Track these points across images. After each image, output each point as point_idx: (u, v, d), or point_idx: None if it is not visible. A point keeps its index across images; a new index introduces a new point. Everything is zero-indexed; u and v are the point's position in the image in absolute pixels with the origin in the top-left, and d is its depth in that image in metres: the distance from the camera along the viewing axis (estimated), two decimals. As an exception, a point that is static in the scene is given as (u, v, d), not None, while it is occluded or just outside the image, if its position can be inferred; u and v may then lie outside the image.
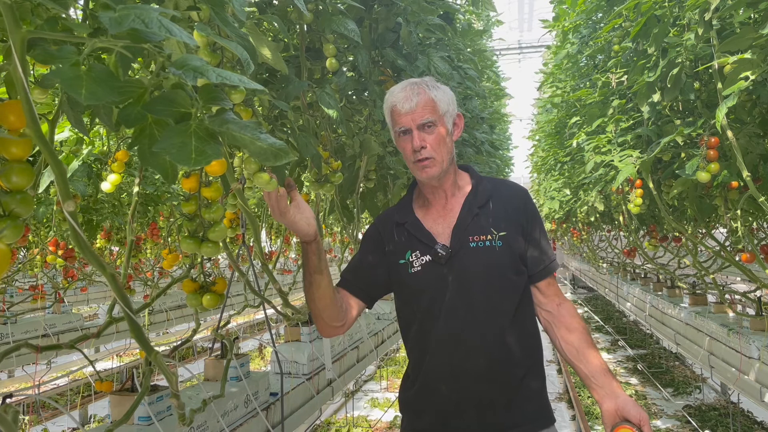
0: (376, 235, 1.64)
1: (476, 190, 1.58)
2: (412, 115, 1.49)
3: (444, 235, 1.54)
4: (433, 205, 1.60)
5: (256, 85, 0.67)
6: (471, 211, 1.54)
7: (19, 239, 0.78)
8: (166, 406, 1.90)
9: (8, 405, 0.98)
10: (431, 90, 1.51)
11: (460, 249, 1.50)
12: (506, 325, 1.49)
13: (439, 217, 1.58)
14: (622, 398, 1.42)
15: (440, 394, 1.50)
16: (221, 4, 0.86)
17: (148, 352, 0.95)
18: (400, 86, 1.54)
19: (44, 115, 1.45)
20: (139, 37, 0.62)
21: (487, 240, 1.50)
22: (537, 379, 1.54)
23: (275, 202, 1.36)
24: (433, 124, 1.49)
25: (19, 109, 0.68)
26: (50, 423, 5.05)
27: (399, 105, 1.50)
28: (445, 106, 1.52)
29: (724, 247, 3.54)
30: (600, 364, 1.49)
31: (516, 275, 1.52)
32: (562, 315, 1.57)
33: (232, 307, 5.90)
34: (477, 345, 1.47)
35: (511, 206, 1.56)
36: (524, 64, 22.12)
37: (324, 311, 1.51)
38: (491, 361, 1.47)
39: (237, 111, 1.34)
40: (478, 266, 1.49)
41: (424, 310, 1.52)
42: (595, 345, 1.54)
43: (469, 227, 1.52)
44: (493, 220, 1.53)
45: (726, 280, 7.23)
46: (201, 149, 0.61)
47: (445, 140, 1.51)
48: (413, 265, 1.53)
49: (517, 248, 1.52)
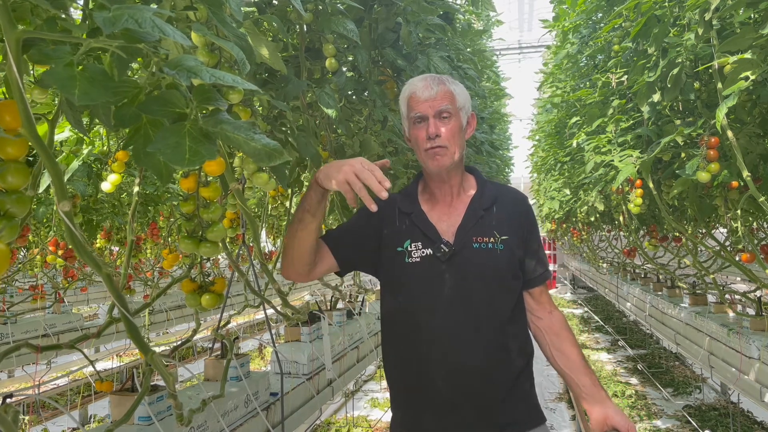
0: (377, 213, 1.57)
1: (482, 193, 1.60)
2: (431, 102, 1.51)
3: (448, 232, 1.54)
4: (439, 201, 1.60)
5: (251, 85, 0.66)
6: (476, 213, 1.55)
7: (16, 239, 0.78)
8: (166, 406, 1.90)
9: (8, 405, 0.98)
10: (450, 84, 1.55)
11: (462, 248, 1.51)
12: (502, 326, 1.51)
13: (443, 214, 1.58)
14: (610, 408, 1.48)
15: (434, 391, 1.49)
16: (218, 4, 0.86)
17: (144, 353, 0.95)
18: (421, 77, 1.58)
19: (44, 115, 1.45)
20: (133, 37, 0.62)
21: (489, 242, 1.52)
22: (528, 380, 1.58)
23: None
24: (450, 114, 1.52)
25: (15, 109, 0.68)
26: (50, 423, 5.05)
27: (419, 92, 1.53)
28: (463, 101, 1.56)
29: (724, 247, 3.54)
30: (588, 373, 1.55)
31: (513, 279, 1.55)
32: (553, 323, 1.62)
33: (232, 307, 5.90)
34: (477, 343, 1.48)
35: (514, 212, 1.60)
36: (524, 64, 22.07)
37: (297, 252, 1.50)
38: (486, 360, 1.48)
39: (236, 111, 1.33)
40: (478, 266, 1.50)
41: (418, 303, 1.52)
42: (583, 354, 1.60)
43: (473, 228, 1.54)
44: (497, 224, 1.55)
45: (726, 280, 7.22)
46: (195, 149, 0.61)
47: (459, 133, 1.54)
48: (411, 255, 1.53)
49: (517, 253, 1.55)
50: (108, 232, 3.78)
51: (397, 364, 1.60)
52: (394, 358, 1.61)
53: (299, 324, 3.02)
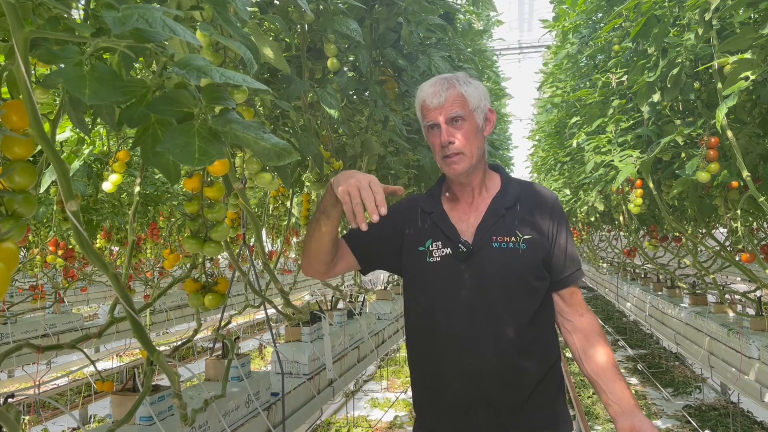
0: (399, 214, 1.62)
1: (505, 191, 1.56)
2: (440, 109, 1.48)
3: (468, 232, 1.52)
4: (461, 201, 1.58)
5: (260, 84, 0.67)
6: (497, 212, 1.52)
7: (21, 239, 0.78)
8: (167, 406, 1.90)
9: (10, 405, 0.98)
10: (461, 85, 1.50)
11: (482, 248, 1.48)
12: (522, 329, 1.46)
13: (464, 213, 1.56)
14: (638, 417, 1.38)
15: (455, 392, 1.47)
16: (224, 4, 0.86)
17: (150, 352, 0.95)
18: (431, 82, 1.54)
19: (45, 115, 1.45)
20: (142, 37, 0.62)
21: (510, 242, 1.48)
22: (551, 387, 1.51)
23: None
24: (462, 119, 1.48)
25: (22, 109, 0.68)
26: (50, 423, 5.05)
27: (428, 100, 1.50)
28: (476, 101, 1.51)
29: (724, 247, 3.55)
30: (618, 381, 1.45)
31: (537, 280, 1.49)
32: (584, 327, 1.53)
33: (232, 307, 5.90)
34: (494, 345, 1.44)
35: (540, 211, 1.54)
36: (524, 64, 22.13)
37: (315, 250, 1.52)
38: (504, 364, 1.44)
39: (239, 111, 1.34)
40: (497, 267, 1.47)
41: (437, 303, 1.51)
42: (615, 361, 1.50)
43: (493, 227, 1.50)
44: (519, 223, 1.50)
45: (726, 280, 7.23)
46: (204, 149, 0.61)
47: (475, 135, 1.50)
48: (432, 254, 1.52)
49: (541, 253, 1.49)
50: (108, 232, 3.78)
51: (418, 364, 1.59)
52: (414, 358, 1.60)
53: (300, 324, 3.02)
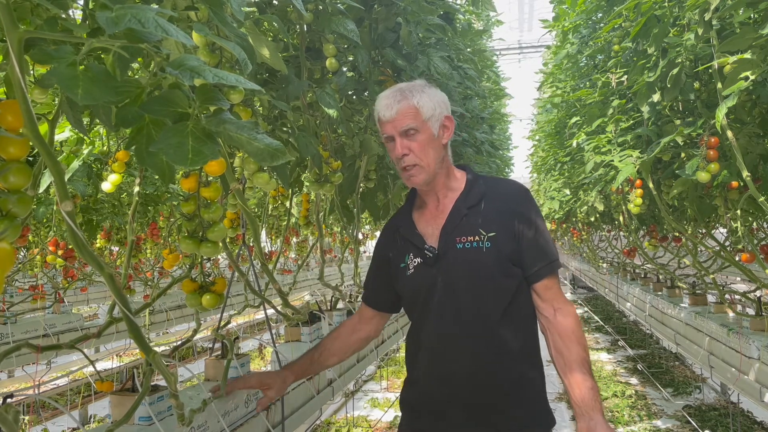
0: (382, 244, 1.69)
1: (469, 190, 1.55)
2: (393, 123, 1.48)
3: (434, 236, 1.53)
4: (428, 206, 1.59)
5: (254, 85, 0.66)
6: (460, 212, 1.51)
7: (17, 239, 0.78)
8: (166, 406, 1.90)
9: (9, 405, 0.98)
10: (414, 96, 1.48)
11: (447, 250, 1.49)
12: (493, 330, 1.45)
13: (431, 218, 1.57)
14: (595, 421, 1.36)
15: (431, 394, 1.52)
16: (219, 4, 0.86)
17: (146, 353, 0.95)
18: (385, 94, 1.53)
19: (44, 115, 1.45)
20: (135, 37, 0.62)
21: (474, 241, 1.47)
22: (532, 384, 1.51)
23: None
24: (416, 130, 1.47)
25: (17, 109, 0.68)
26: (50, 423, 5.05)
27: (381, 113, 1.50)
28: (430, 111, 1.48)
29: (724, 247, 3.54)
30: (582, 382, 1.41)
31: (505, 277, 1.47)
32: (558, 323, 1.48)
33: (232, 307, 5.89)
34: (464, 346, 1.46)
35: (506, 206, 1.52)
36: (524, 64, 22.10)
37: (339, 359, 1.77)
38: (478, 364, 1.45)
39: (236, 111, 1.33)
40: (464, 267, 1.47)
41: (418, 310, 1.55)
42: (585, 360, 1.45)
43: (457, 228, 1.50)
44: (483, 221, 1.49)
45: (726, 280, 7.22)
46: (198, 149, 0.61)
47: (430, 145, 1.49)
48: (409, 267, 1.55)
49: (508, 249, 1.47)
50: (108, 232, 3.78)
51: (407, 366, 1.65)
52: (406, 360, 1.66)
53: (299, 324, 3.02)
